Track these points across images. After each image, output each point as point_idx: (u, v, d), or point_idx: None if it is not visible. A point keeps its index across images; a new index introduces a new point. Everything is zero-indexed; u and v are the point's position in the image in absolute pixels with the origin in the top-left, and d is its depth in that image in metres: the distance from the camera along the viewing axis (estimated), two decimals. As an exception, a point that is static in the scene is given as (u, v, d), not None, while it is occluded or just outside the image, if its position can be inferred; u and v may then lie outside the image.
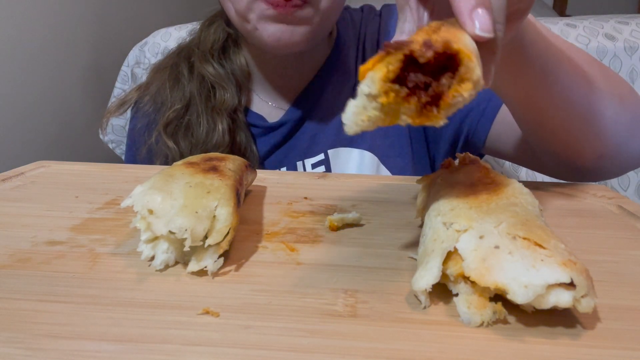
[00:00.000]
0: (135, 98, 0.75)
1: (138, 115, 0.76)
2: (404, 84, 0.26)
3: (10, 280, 0.30)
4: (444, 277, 0.27)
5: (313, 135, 0.72)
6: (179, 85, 0.71)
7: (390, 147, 0.70)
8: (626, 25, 1.00)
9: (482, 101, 0.64)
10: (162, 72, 0.74)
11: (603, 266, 0.32)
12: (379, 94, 0.26)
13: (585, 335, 0.25)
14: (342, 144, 0.71)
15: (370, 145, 0.70)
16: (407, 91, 0.26)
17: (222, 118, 0.68)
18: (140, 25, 1.53)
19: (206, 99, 0.70)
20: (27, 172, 0.53)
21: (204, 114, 0.69)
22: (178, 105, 0.70)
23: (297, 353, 0.23)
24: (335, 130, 0.71)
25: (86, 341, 0.24)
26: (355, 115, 0.27)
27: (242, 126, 0.70)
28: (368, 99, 0.26)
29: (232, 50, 0.72)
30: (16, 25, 1.14)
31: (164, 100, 0.71)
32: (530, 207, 0.31)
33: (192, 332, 0.25)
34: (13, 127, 1.15)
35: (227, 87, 0.69)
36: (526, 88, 0.46)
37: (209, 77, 0.70)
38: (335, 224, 0.38)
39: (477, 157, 0.40)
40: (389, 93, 0.26)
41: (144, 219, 0.32)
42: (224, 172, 0.38)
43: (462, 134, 0.68)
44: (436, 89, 0.26)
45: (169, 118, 0.69)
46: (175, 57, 0.74)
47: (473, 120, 0.65)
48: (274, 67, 0.72)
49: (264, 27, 0.59)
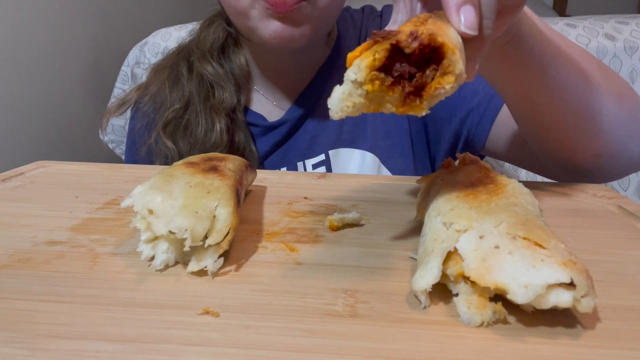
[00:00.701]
0: (135, 98, 0.75)
1: (138, 116, 0.76)
2: (390, 73, 0.27)
3: (10, 280, 0.30)
4: (444, 277, 0.27)
5: (313, 136, 0.72)
6: (178, 85, 0.71)
7: (391, 148, 0.70)
8: (626, 25, 1.00)
9: (482, 102, 0.64)
10: (162, 72, 0.74)
11: (603, 266, 0.32)
12: (365, 81, 0.27)
13: (585, 335, 0.25)
14: (343, 145, 0.71)
15: (372, 145, 0.70)
16: (392, 80, 0.27)
17: (220, 117, 0.68)
18: (140, 25, 1.53)
19: (205, 99, 0.70)
20: (27, 172, 0.53)
21: (203, 114, 0.69)
22: (177, 105, 0.70)
23: (297, 353, 0.23)
24: (336, 130, 0.71)
25: (86, 341, 0.24)
26: (340, 101, 0.27)
27: (241, 125, 0.70)
28: (354, 85, 0.27)
29: (231, 49, 0.72)
30: (16, 25, 1.14)
31: (163, 100, 0.71)
32: (530, 207, 0.31)
33: (192, 332, 0.25)
34: (13, 127, 1.15)
35: (226, 87, 0.69)
36: (522, 82, 0.46)
37: (207, 77, 0.70)
38: (335, 224, 0.38)
39: (477, 157, 0.40)
40: (375, 81, 0.27)
41: (144, 219, 0.32)
42: (224, 172, 0.38)
43: (462, 135, 0.68)
44: (420, 80, 0.27)
45: (167, 118, 0.69)
46: (175, 57, 0.74)
47: (473, 122, 0.65)
48: (275, 66, 0.72)
49: (264, 25, 0.60)
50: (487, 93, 0.63)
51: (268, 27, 0.60)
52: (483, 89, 0.64)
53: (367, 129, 0.71)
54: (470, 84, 0.64)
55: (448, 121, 0.68)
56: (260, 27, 0.60)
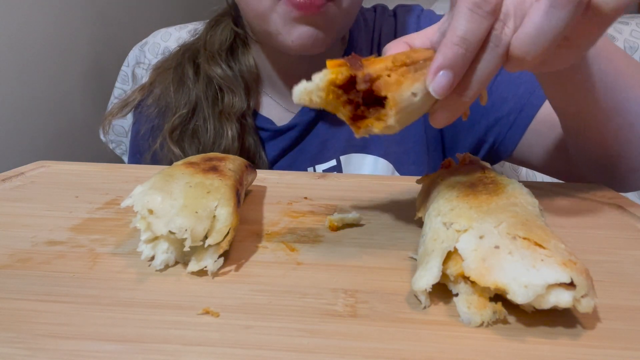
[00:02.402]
0: (137, 99, 0.73)
1: (141, 120, 0.74)
2: (347, 92, 0.30)
3: (10, 280, 0.30)
4: (444, 277, 0.27)
5: (324, 140, 0.70)
6: (184, 88, 0.69)
7: (404, 154, 0.68)
8: (626, 25, 1.00)
9: (512, 111, 0.62)
10: (165, 73, 0.72)
11: (603, 266, 0.32)
12: (323, 90, 0.30)
13: (585, 335, 0.25)
14: (354, 150, 0.69)
15: (385, 151, 0.68)
16: (346, 99, 0.30)
17: (231, 124, 0.66)
18: (140, 25, 1.53)
19: (213, 103, 0.67)
20: (27, 172, 0.53)
21: (211, 119, 0.67)
22: (184, 110, 0.67)
23: (297, 353, 0.23)
24: (347, 135, 0.69)
25: (86, 341, 0.24)
26: (301, 93, 0.30)
27: (250, 131, 0.68)
28: (315, 87, 0.30)
29: (240, 50, 0.70)
30: (16, 25, 1.14)
31: (168, 103, 0.69)
32: (530, 207, 0.31)
33: (192, 332, 0.25)
34: (13, 127, 1.15)
35: (236, 90, 0.67)
36: (576, 103, 0.45)
37: (216, 79, 0.67)
38: (335, 224, 0.38)
39: (477, 157, 0.40)
40: (331, 94, 0.30)
41: (144, 219, 0.32)
42: (224, 172, 0.38)
43: (486, 143, 0.66)
44: (361, 112, 0.31)
45: (174, 124, 0.67)
46: (179, 58, 0.72)
47: (501, 131, 0.63)
48: (286, 68, 0.69)
49: (288, 31, 0.57)
50: (518, 101, 0.61)
51: (292, 32, 0.57)
52: (513, 97, 0.62)
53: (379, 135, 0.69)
54: (499, 91, 0.62)
55: (469, 128, 0.66)
56: (283, 32, 0.57)
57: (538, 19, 0.28)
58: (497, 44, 0.30)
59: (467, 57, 0.29)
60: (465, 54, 0.29)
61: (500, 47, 0.30)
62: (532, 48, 0.29)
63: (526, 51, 0.29)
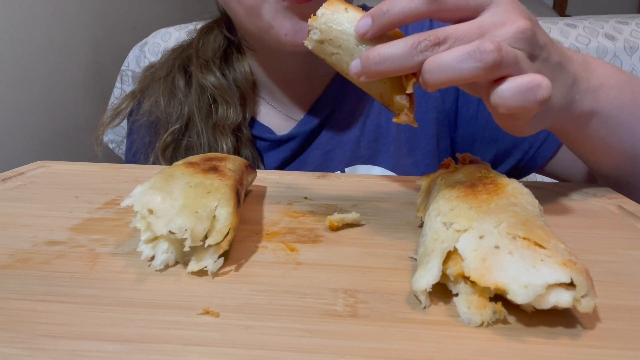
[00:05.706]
0: (129, 108, 0.70)
1: (134, 133, 0.71)
2: None
3: (10, 280, 0.30)
4: (444, 277, 0.27)
5: (327, 151, 0.66)
6: (174, 100, 0.65)
7: (413, 166, 0.65)
8: (626, 25, 1.00)
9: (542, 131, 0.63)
10: (155, 84, 0.68)
11: (603, 266, 0.32)
12: None
13: (585, 335, 0.25)
14: (361, 161, 0.66)
15: (393, 163, 0.65)
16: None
17: (226, 138, 0.63)
18: (140, 25, 1.53)
19: (207, 116, 0.64)
20: (27, 172, 0.53)
21: (205, 133, 0.64)
22: (176, 126, 0.64)
23: (297, 353, 0.23)
24: (353, 145, 0.66)
25: (86, 341, 0.24)
26: None
27: (247, 143, 0.65)
28: None
29: (234, 57, 0.67)
30: (16, 25, 1.14)
31: (159, 118, 0.66)
32: (530, 207, 0.31)
33: (192, 332, 0.25)
34: (13, 127, 1.15)
35: (230, 101, 0.64)
36: (595, 153, 0.46)
37: (210, 89, 0.64)
38: (335, 224, 0.38)
39: (477, 157, 0.40)
40: None
41: (144, 219, 0.32)
42: (224, 172, 0.38)
43: (510, 157, 0.64)
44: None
45: (166, 141, 0.64)
46: (170, 66, 0.68)
47: (532, 147, 0.63)
48: (284, 72, 0.67)
49: (280, 24, 0.55)
50: None
51: (284, 25, 0.55)
52: None
53: (388, 145, 0.66)
54: None
55: (488, 143, 0.65)
56: (274, 25, 0.55)
57: (454, 54, 0.31)
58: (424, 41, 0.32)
59: (392, 20, 0.33)
60: (392, 21, 0.33)
61: (425, 42, 0.32)
62: (434, 74, 0.31)
63: (428, 71, 0.32)
